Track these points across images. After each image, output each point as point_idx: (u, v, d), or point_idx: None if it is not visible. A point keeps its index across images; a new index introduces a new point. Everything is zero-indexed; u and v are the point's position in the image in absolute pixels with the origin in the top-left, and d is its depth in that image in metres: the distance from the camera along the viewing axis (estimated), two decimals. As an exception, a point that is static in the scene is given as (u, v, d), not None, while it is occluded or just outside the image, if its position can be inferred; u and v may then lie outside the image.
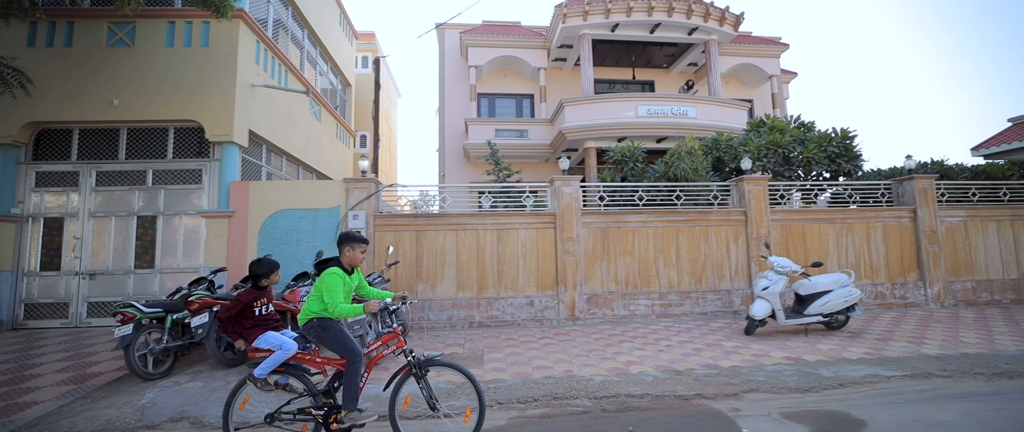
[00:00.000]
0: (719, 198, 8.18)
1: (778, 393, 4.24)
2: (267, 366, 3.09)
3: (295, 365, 3.17)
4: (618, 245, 7.67)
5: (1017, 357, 5.09)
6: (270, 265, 3.43)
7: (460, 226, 7.52)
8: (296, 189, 7.55)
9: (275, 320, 3.40)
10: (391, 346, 3.27)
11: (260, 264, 3.41)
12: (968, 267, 8.36)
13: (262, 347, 3.17)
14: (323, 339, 3.12)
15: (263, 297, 3.36)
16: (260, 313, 3.32)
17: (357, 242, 3.25)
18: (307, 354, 3.23)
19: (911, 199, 8.39)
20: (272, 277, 3.43)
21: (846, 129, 9.23)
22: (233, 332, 3.28)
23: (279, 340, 3.19)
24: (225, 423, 3.09)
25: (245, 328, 3.26)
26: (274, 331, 3.29)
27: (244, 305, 3.27)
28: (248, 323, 3.26)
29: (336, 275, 3.11)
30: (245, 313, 3.28)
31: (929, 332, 6.34)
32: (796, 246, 8.02)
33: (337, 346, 3.11)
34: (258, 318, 3.31)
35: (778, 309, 6.26)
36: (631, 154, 9.88)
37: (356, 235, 3.29)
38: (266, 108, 8.61)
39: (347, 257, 3.23)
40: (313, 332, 3.13)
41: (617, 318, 7.51)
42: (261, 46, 8.43)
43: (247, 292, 3.34)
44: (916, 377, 4.55)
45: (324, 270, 3.17)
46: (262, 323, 3.29)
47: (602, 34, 13.89)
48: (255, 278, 3.39)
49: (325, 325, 3.11)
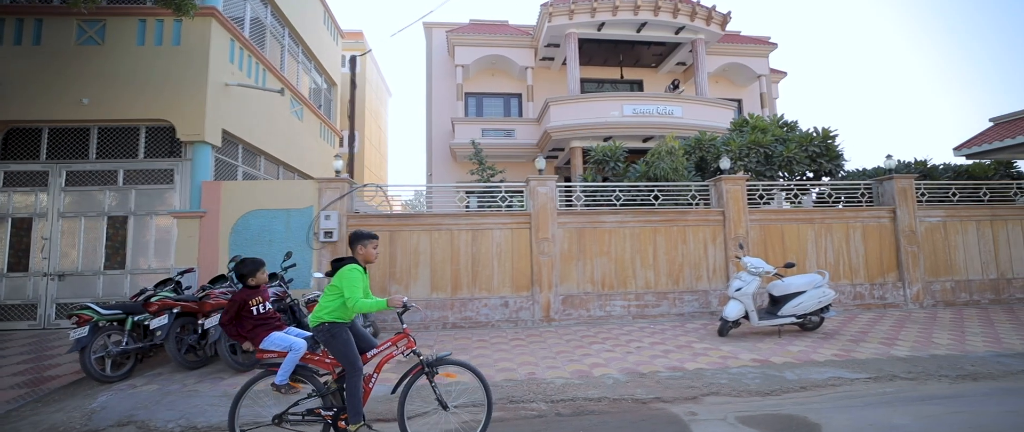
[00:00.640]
0: (698, 198, 8.13)
1: (738, 396, 4.19)
2: (285, 371, 3.07)
3: (303, 365, 3.16)
4: (594, 245, 7.61)
5: (985, 359, 5.04)
6: (254, 264, 3.41)
7: (434, 226, 7.45)
8: (269, 189, 7.47)
9: (276, 319, 3.38)
10: (400, 346, 3.28)
11: (244, 264, 3.39)
12: (947, 267, 8.32)
13: (271, 348, 3.15)
14: (330, 344, 3.11)
15: (257, 295, 3.33)
16: (259, 312, 3.29)
17: (368, 238, 3.28)
18: (316, 354, 3.22)
19: (891, 199, 8.35)
20: (258, 275, 3.42)
21: (827, 128, 9.19)
22: (238, 335, 3.26)
23: (288, 340, 3.17)
24: (231, 425, 3.06)
25: (248, 329, 3.22)
26: (277, 330, 3.27)
27: (239, 305, 3.24)
28: (250, 324, 3.22)
29: (356, 270, 3.11)
30: (243, 314, 3.24)
31: (903, 333, 6.30)
32: (774, 246, 7.97)
33: (341, 355, 3.10)
34: (258, 317, 3.28)
35: (751, 310, 6.20)
36: (612, 154, 9.83)
37: (367, 232, 3.31)
38: (242, 107, 8.52)
39: (361, 254, 3.25)
40: (323, 335, 3.11)
41: (593, 319, 7.46)
42: (236, 45, 8.34)
43: (240, 292, 3.31)
44: (880, 380, 4.50)
45: (340, 268, 3.15)
46: (264, 323, 3.26)
47: (588, 33, 13.83)
48: (241, 278, 3.38)
49: (335, 332, 3.10)
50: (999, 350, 5.37)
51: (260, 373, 3.14)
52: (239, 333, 3.25)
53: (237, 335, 3.27)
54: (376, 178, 19.46)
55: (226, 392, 4.51)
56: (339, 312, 3.11)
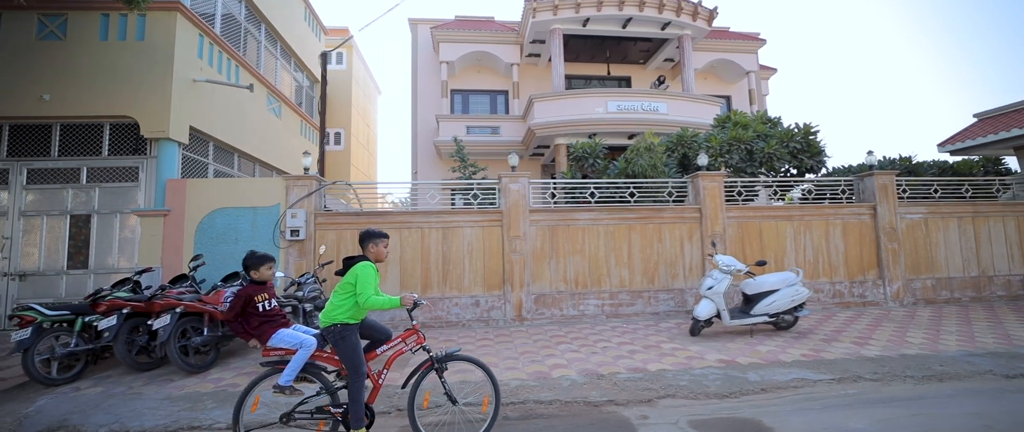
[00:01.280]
0: (675, 195, 7.99)
1: (695, 399, 4.06)
2: (293, 370, 3.02)
3: (311, 363, 3.11)
4: (568, 243, 7.48)
5: (955, 358, 4.92)
6: (260, 257, 3.34)
7: (404, 224, 7.31)
8: (235, 187, 7.32)
9: (282, 316, 3.32)
10: (410, 342, 3.28)
11: (251, 256, 3.34)
12: (928, 264, 8.20)
13: (279, 346, 3.10)
14: (339, 346, 3.08)
15: (263, 291, 3.27)
16: (264, 308, 3.23)
17: (379, 237, 3.27)
18: (323, 352, 3.19)
19: (871, 195, 8.22)
20: (262, 270, 3.34)
21: (808, 124, 9.05)
22: (243, 332, 3.19)
23: (297, 338, 3.12)
24: (235, 424, 2.99)
25: (254, 326, 3.16)
26: (284, 327, 3.21)
27: (245, 300, 3.17)
28: (255, 321, 3.16)
29: (370, 267, 3.12)
30: (249, 310, 3.18)
31: (877, 332, 6.17)
32: (752, 244, 7.84)
33: (347, 359, 3.07)
34: (264, 314, 3.21)
35: (723, 309, 6.08)
36: (592, 150, 9.69)
37: (377, 231, 3.29)
38: (213, 104, 8.37)
39: (372, 252, 3.24)
40: (334, 336, 3.08)
41: (566, 318, 7.33)
42: (205, 40, 8.18)
43: (246, 288, 3.26)
44: (844, 381, 4.37)
45: (351, 266, 3.14)
46: (270, 320, 3.20)
47: (573, 29, 13.68)
48: (246, 270, 3.34)
49: (346, 334, 3.08)
50: (971, 349, 5.25)
51: (266, 372, 3.08)
52: (245, 330, 3.18)
53: (243, 332, 3.19)
54: (365, 176, 19.31)
55: (170, 395, 4.38)
56: (353, 311, 3.10)
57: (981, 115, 9.49)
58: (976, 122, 9.55)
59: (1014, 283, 8.31)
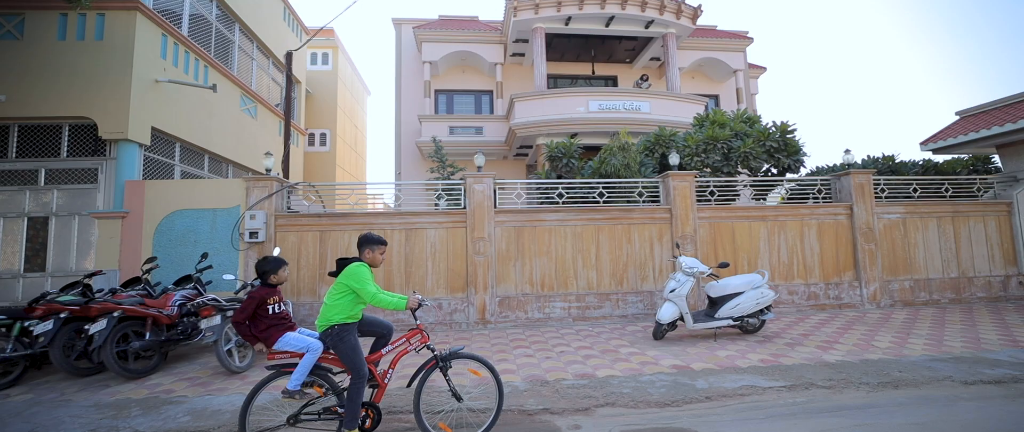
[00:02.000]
0: (646, 195, 7.83)
1: (635, 407, 3.90)
2: (301, 374, 3.01)
3: (317, 365, 3.11)
4: (534, 245, 7.33)
5: (916, 364, 4.75)
6: (277, 262, 3.30)
7: (366, 225, 7.18)
8: (195, 188, 7.20)
9: (289, 319, 3.28)
10: (414, 342, 3.32)
11: (267, 261, 3.29)
12: (906, 266, 8.01)
13: (286, 349, 3.08)
14: (338, 348, 3.08)
15: (274, 295, 3.23)
16: (274, 311, 3.19)
17: (376, 244, 3.26)
18: (330, 354, 3.18)
19: (848, 195, 8.04)
20: (280, 273, 3.30)
21: (786, 123, 8.88)
22: (251, 336, 3.15)
23: (304, 340, 3.10)
24: (242, 427, 2.98)
25: (261, 329, 3.12)
26: (290, 331, 3.18)
27: (258, 303, 3.12)
28: (264, 324, 3.12)
29: (363, 267, 3.12)
30: (260, 313, 3.14)
31: (846, 336, 6.00)
32: (725, 245, 7.67)
33: (348, 360, 3.07)
34: (273, 317, 3.17)
35: (685, 312, 5.91)
36: (567, 150, 9.53)
37: (375, 237, 3.28)
38: (179, 104, 8.27)
39: (368, 258, 3.24)
40: (331, 339, 3.08)
41: (531, 321, 7.18)
42: (169, 40, 8.08)
43: (259, 289, 3.20)
44: (795, 388, 4.21)
45: (345, 267, 3.14)
46: (278, 324, 3.17)
47: (556, 28, 13.54)
48: (262, 275, 3.27)
49: (344, 335, 3.08)
50: (936, 354, 5.07)
51: (271, 375, 3.07)
52: (252, 333, 3.14)
53: (250, 335, 3.15)
54: (352, 177, 19.20)
55: (99, 402, 4.26)
56: (349, 312, 3.09)
57: (963, 113, 9.29)
58: (958, 120, 9.35)
59: (994, 284, 8.11)
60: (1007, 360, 4.81)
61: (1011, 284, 8.14)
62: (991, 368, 4.57)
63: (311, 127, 17.23)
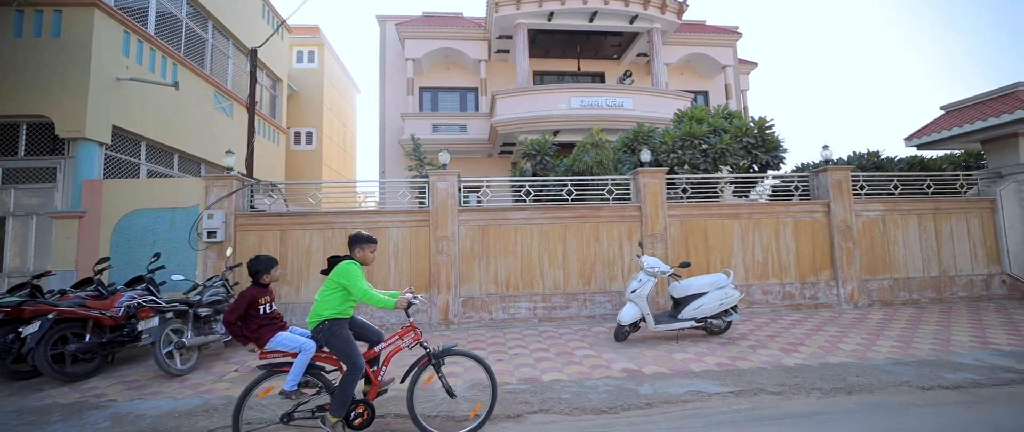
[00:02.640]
0: (616, 193, 7.64)
1: (570, 415, 3.73)
2: (296, 374, 3.01)
3: (311, 364, 3.11)
4: (499, 244, 7.17)
5: (877, 368, 4.55)
6: (268, 261, 3.29)
7: (328, 225, 7.05)
8: (154, 187, 7.09)
9: (280, 319, 3.28)
10: (407, 340, 3.34)
11: (258, 261, 3.27)
12: (885, 264, 7.78)
13: (278, 349, 3.07)
14: (331, 343, 3.10)
15: (266, 294, 3.23)
16: (265, 311, 3.19)
17: (366, 242, 3.30)
18: (323, 352, 3.20)
19: (826, 192, 7.82)
20: (272, 273, 3.31)
21: (764, 118, 8.66)
22: (243, 336, 3.14)
23: (297, 340, 3.09)
24: (235, 427, 2.98)
25: (253, 329, 3.12)
26: (281, 330, 3.18)
27: (249, 301, 3.12)
28: (255, 324, 3.12)
29: (354, 265, 3.15)
30: (252, 313, 3.14)
31: (814, 338, 5.80)
32: (697, 244, 7.48)
33: (341, 353, 3.09)
34: (264, 317, 3.17)
35: (647, 313, 5.73)
36: (541, 147, 9.37)
37: (365, 236, 3.32)
38: (144, 103, 8.15)
39: (358, 256, 3.28)
40: (323, 334, 3.11)
41: (495, 322, 7.02)
42: (132, 37, 7.96)
43: (249, 289, 3.19)
44: (743, 394, 4.03)
45: (335, 265, 3.17)
46: (269, 323, 3.16)
47: (539, 24, 13.34)
48: (254, 275, 3.26)
49: (335, 329, 3.10)
50: (900, 357, 4.88)
51: (263, 374, 3.07)
52: (243, 333, 3.13)
53: (241, 336, 3.13)
54: (340, 176, 19.09)
55: (24, 407, 4.14)
56: (338, 308, 3.12)
57: (948, 107, 9.03)
58: (943, 115, 9.09)
59: (976, 283, 7.87)
60: (972, 363, 4.60)
61: (994, 283, 7.90)
62: (953, 372, 4.37)
63: (297, 125, 17.12)
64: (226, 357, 5.75)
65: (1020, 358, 4.71)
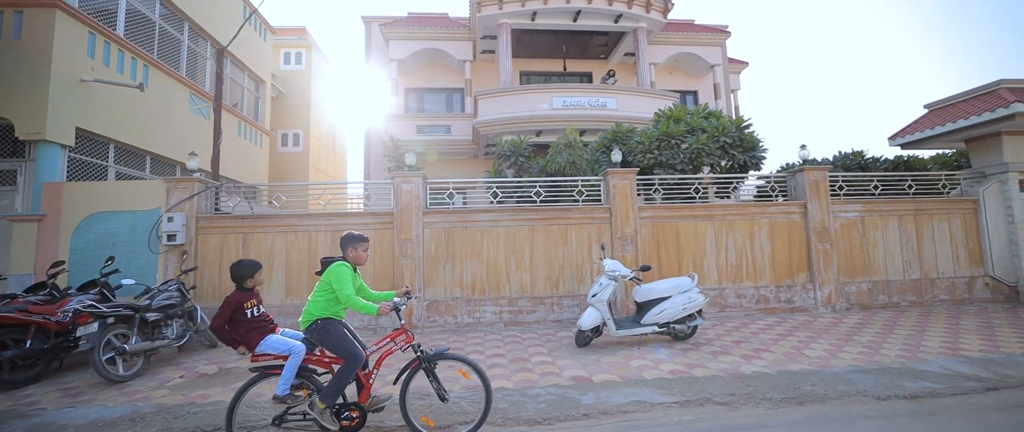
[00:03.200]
0: (586, 194, 7.48)
1: (503, 426, 3.58)
2: (288, 378, 3.00)
3: (303, 367, 3.10)
4: (465, 246, 7.02)
5: (836, 376, 4.37)
6: (252, 265, 3.28)
7: (290, 228, 6.93)
8: (115, 190, 7.00)
9: (270, 322, 3.27)
10: (399, 342, 3.32)
11: (241, 265, 3.25)
12: (864, 267, 7.58)
13: (268, 352, 3.08)
14: (326, 341, 3.12)
15: (251, 298, 3.22)
16: (253, 315, 3.18)
17: (359, 241, 3.33)
18: (314, 354, 3.19)
19: (803, 193, 7.62)
20: (256, 277, 3.29)
21: (741, 117, 8.48)
22: (231, 340, 3.14)
23: (286, 343, 3.09)
24: (228, 429, 3.03)
25: (242, 333, 3.12)
26: (272, 333, 3.17)
27: (234, 307, 3.11)
28: (244, 327, 3.12)
29: (344, 267, 3.16)
30: (238, 317, 3.13)
31: (781, 343, 5.62)
32: (668, 247, 7.31)
33: (339, 348, 3.10)
34: (253, 321, 3.17)
35: (608, 318, 5.57)
36: (517, 148, 9.23)
37: (356, 235, 3.34)
38: (113, 105, 8.08)
39: (351, 257, 3.30)
40: (316, 334, 3.12)
41: (460, 326, 6.87)
42: (99, 38, 7.89)
43: (234, 294, 3.19)
44: (689, 404, 3.86)
45: (328, 266, 3.19)
46: (259, 326, 3.15)
47: (522, 24, 13.20)
48: (238, 280, 3.24)
49: (329, 327, 3.11)
50: (863, 364, 4.69)
51: (255, 377, 3.08)
52: (232, 337, 3.13)
53: (230, 339, 3.13)
54: (328, 177, 19.01)
55: (-53, 417, 4.03)
56: (329, 309, 3.14)
57: (932, 106, 8.80)
58: (926, 113, 8.86)
59: (958, 286, 7.65)
60: (936, 371, 4.42)
61: (976, 286, 7.68)
62: (914, 381, 4.19)
63: (284, 127, 17.06)
64: (177, 362, 5.63)
65: (986, 365, 4.52)
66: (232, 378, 4.99)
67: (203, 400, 4.27)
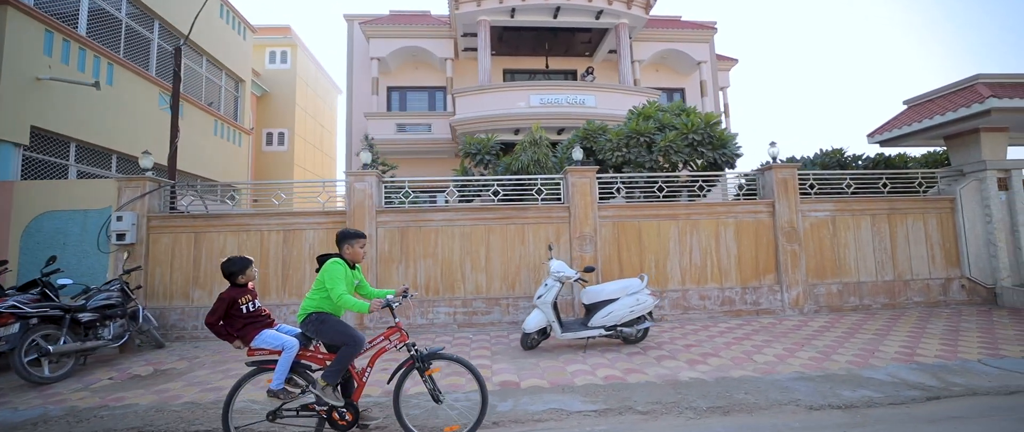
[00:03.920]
0: (545, 192, 7.30)
1: (404, 434, 3.42)
2: (281, 373, 3.01)
3: (297, 361, 3.11)
4: (419, 246, 6.87)
5: (775, 383, 4.16)
6: (243, 261, 3.27)
7: (243, 227, 6.83)
8: (67, 189, 6.93)
9: (266, 317, 3.27)
10: (393, 340, 3.30)
11: (232, 262, 3.25)
12: (835, 268, 7.32)
13: (263, 347, 3.09)
14: (323, 332, 3.14)
15: (246, 294, 3.22)
16: (248, 310, 3.19)
17: (355, 238, 3.32)
18: (309, 350, 3.21)
19: (771, 192, 7.38)
20: (248, 272, 3.28)
21: (711, 114, 8.27)
22: (227, 334, 3.16)
23: (280, 339, 3.10)
24: (225, 424, 3.05)
25: (238, 328, 3.13)
26: (268, 327, 3.18)
27: (228, 303, 3.12)
28: (240, 322, 3.14)
29: (338, 264, 3.15)
30: (233, 312, 3.14)
31: (734, 347, 5.40)
32: (629, 246, 7.10)
33: (336, 335, 3.13)
34: (248, 316, 3.18)
35: (552, 320, 5.39)
36: (483, 146, 9.07)
37: (354, 232, 3.33)
38: (75, 103, 8.02)
39: (348, 254, 3.28)
40: (312, 327, 3.13)
41: (413, 328, 6.72)
42: (57, 36, 7.82)
43: (228, 290, 3.19)
44: (607, 413, 3.68)
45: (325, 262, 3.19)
46: (253, 321, 3.17)
47: (501, 20, 13.03)
48: (230, 277, 3.24)
49: (323, 318, 3.13)
50: (809, 371, 4.47)
51: (251, 371, 3.11)
52: (228, 332, 3.14)
53: (226, 334, 3.15)
54: (315, 177, 18.97)
55: None
56: (326, 304, 3.14)
57: (911, 102, 8.49)
58: (905, 110, 8.56)
59: (933, 288, 7.36)
60: (881, 379, 4.19)
61: (952, 287, 7.39)
62: (854, 389, 3.97)
63: (269, 126, 17.04)
64: (115, 363, 5.54)
65: (936, 373, 4.28)
66: (165, 379, 4.89)
67: (117, 403, 4.16)
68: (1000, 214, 7.32)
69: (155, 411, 3.96)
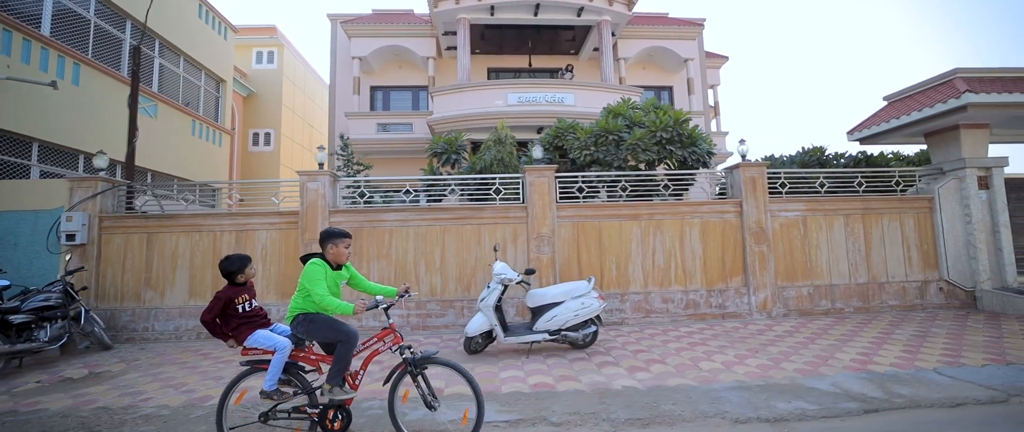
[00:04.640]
0: (504, 192, 7.11)
1: (299, 445, 3.25)
2: (274, 373, 2.99)
3: (290, 362, 3.09)
4: (373, 247, 6.72)
5: (710, 393, 3.93)
6: (241, 260, 3.24)
7: (195, 228, 6.72)
8: (18, 189, 6.87)
9: (262, 316, 3.26)
10: (387, 342, 3.24)
11: (230, 261, 3.22)
12: (806, 270, 7.04)
13: (256, 346, 3.07)
14: (313, 332, 3.09)
15: (244, 293, 3.21)
16: (244, 310, 3.17)
17: (339, 237, 3.22)
18: (302, 351, 3.17)
19: (740, 191, 7.12)
20: (246, 271, 3.26)
21: (680, 112, 8.01)
22: (222, 333, 3.15)
23: (272, 339, 3.08)
24: (219, 425, 3.02)
25: (232, 327, 3.12)
26: (262, 328, 3.16)
27: (225, 302, 3.11)
28: (235, 322, 3.13)
29: (317, 265, 3.08)
30: (229, 311, 3.13)
31: (684, 354, 5.17)
32: (589, 247, 6.89)
33: (328, 332, 3.08)
34: (243, 315, 3.16)
35: (495, 324, 5.20)
36: (450, 145, 8.90)
37: (337, 231, 3.24)
38: (38, 103, 8.00)
39: (331, 254, 3.20)
40: (301, 328, 3.09)
41: (364, 330, 6.54)
42: (16, 35, 7.79)
43: (225, 289, 3.18)
44: (520, 424, 3.48)
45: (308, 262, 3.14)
46: (248, 321, 3.16)
47: (481, 18, 12.86)
48: (228, 276, 3.22)
49: (311, 318, 3.07)
50: (750, 380, 4.23)
51: (245, 371, 3.09)
52: (222, 331, 3.13)
53: (221, 333, 3.14)
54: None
55: None
56: (310, 305, 3.08)
57: (891, 97, 8.16)
58: (886, 106, 8.24)
59: (910, 291, 7.05)
60: (823, 389, 3.94)
61: (929, 290, 7.07)
62: (790, 400, 3.73)
63: (255, 127, 17.03)
64: (51, 366, 5.45)
65: (884, 383, 4.02)
66: (93, 382, 4.78)
67: (28, 408, 4.05)
68: (980, 214, 6.99)
69: (60, 417, 3.84)
